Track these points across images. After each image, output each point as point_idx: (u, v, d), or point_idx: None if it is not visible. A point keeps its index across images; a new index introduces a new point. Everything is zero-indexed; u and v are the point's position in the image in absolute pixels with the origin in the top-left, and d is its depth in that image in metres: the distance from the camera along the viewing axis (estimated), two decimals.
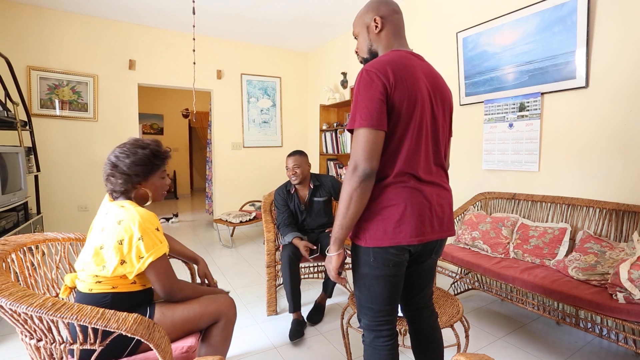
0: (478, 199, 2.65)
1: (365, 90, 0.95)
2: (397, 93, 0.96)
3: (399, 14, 1.13)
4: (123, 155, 1.18)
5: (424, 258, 1.12)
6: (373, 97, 0.94)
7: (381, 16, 1.10)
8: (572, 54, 2.14)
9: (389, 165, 1.00)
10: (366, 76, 0.96)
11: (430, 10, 3.16)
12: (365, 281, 1.07)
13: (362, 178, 0.93)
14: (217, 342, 1.27)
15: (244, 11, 3.67)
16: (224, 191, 4.70)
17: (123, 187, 1.18)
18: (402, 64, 0.99)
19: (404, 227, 0.99)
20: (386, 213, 1.00)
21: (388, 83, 0.95)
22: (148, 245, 1.10)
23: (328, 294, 2.27)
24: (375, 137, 0.93)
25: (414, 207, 0.99)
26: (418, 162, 1.01)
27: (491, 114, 2.67)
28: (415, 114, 0.99)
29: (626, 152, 1.97)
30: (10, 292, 0.89)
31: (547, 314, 1.84)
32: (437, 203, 1.04)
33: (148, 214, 1.15)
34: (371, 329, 1.10)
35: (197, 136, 8.62)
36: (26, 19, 3.46)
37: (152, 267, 1.12)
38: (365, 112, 0.94)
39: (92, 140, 3.77)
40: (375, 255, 1.02)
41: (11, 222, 2.48)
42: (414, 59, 1.07)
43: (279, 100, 5.05)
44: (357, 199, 0.95)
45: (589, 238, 1.93)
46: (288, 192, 2.32)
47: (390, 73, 0.95)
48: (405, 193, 1.00)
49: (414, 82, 1.00)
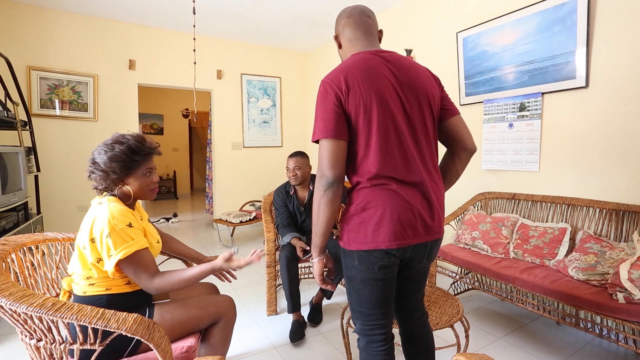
0: (478, 199, 2.65)
1: (321, 102, 0.99)
2: (351, 99, 0.97)
3: (350, 17, 1.11)
4: (102, 152, 1.14)
5: (415, 264, 1.10)
6: (327, 109, 0.97)
7: (336, 34, 1.17)
8: (572, 54, 2.14)
9: (362, 170, 1.00)
10: (322, 88, 1.00)
11: (430, 10, 3.16)
12: (353, 284, 1.07)
13: (326, 186, 0.97)
14: (217, 342, 1.27)
15: (244, 11, 3.67)
16: (224, 191, 4.70)
17: (103, 184, 1.15)
18: (358, 67, 0.99)
19: (382, 231, 0.98)
20: (365, 216, 1.00)
21: (341, 92, 0.97)
22: (116, 242, 1.06)
23: (327, 295, 2.27)
24: (335, 147, 0.96)
25: (393, 210, 0.98)
26: (395, 164, 0.99)
27: (491, 113, 2.67)
28: (378, 115, 0.97)
29: (626, 152, 1.97)
30: (10, 292, 0.89)
31: (547, 314, 1.84)
32: (420, 205, 1.00)
33: (119, 210, 1.11)
34: (364, 333, 1.09)
35: (197, 136, 8.61)
36: (26, 19, 3.46)
37: (123, 266, 1.09)
38: (322, 123, 0.98)
39: (92, 140, 3.76)
40: (359, 258, 1.02)
41: (11, 222, 2.48)
42: (375, 57, 1.03)
43: (279, 100, 5.05)
44: (325, 207, 0.98)
45: (589, 238, 1.93)
46: (287, 193, 2.32)
47: (343, 81, 0.97)
48: (384, 196, 0.98)
49: (372, 83, 0.98)
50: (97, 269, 1.10)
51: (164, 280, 1.13)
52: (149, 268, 1.12)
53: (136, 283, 1.13)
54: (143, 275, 1.11)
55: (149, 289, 1.12)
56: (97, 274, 1.11)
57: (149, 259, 1.14)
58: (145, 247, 1.13)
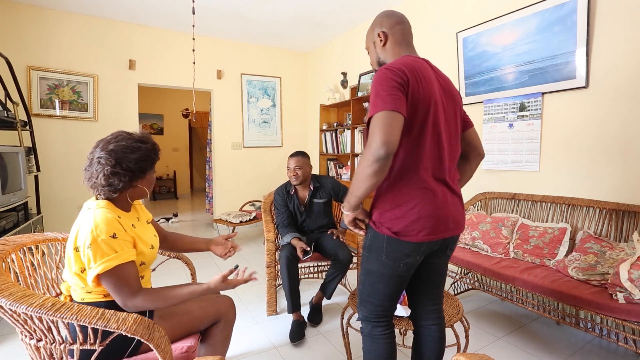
0: (478, 199, 2.65)
1: (385, 82, 0.96)
2: (411, 92, 0.98)
3: (402, 24, 1.18)
4: (128, 151, 1.08)
5: (435, 259, 1.16)
6: (392, 86, 0.95)
7: (384, 30, 1.17)
8: (572, 54, 2.14)
9: (406, 163, 1.03)
10: (384, 73, 0.98)
11: (430, 10, 3.16)
12: (369, 277, 1.12)
13: (376, 157, 0.90)
14: (217, 342, 1.27)
15: (244, 11, 3.67)
16: (224, 191, 4.70)
17: (121, 185, 1.07)
18: (415, 67, 1.02)
19: (419, 224, 1.01)
20: (403, 208, 1.02)
21: (406, 80, 0.97)
22: (96, 254, 0.98)
23: (327, 296, 2.27)
24: (396, 119, 0.92)
25: (431, 205, 1.02)
26: (435, 162, 1.05)
27: (491, 113, 2.67)
28: (430, 114, 1.02)
29: (626, 152, 1.97)
30: (10, 292, 0.89)
31: (547, 314, 1.84)
32: (451, 201, 1.08)
33: (105, 219, 1.02)
34: (369, 320, 1.16)
35: (197, 136, 8.61)
36: (26, 19, 3.46)
37: (102, 280, 1.01)
38: (385, 97, 0.94)
39: (92, 141, 3.65)
40: (388, 253, 1.05)
41: (11, 222, 2.48)
42: (425, 63, 1.10)
43: (279, 100, 5.05)
44: (370, 177, 0.94)
45: (589, 238, 1.93)
46: (287, 193, 2.32)
47: (407, 74, 0.98)
48: (423, 191, 1.03)
49: (428, 84, 1.03)
50: (82, 279, 1.05)
51: (146, 300, 1.04)
52: (130, 284, 1.02)
53: (114, 299, 1.03)
54: (123, 291, 1.01)
55: (128, 307, 1.02)
56: (83, 283, 1.06)
57: (131, 274, 1.04)
58: (129, 260, 1.04)
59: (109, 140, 1.11)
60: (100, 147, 1.10)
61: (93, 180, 1.08)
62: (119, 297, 1.02)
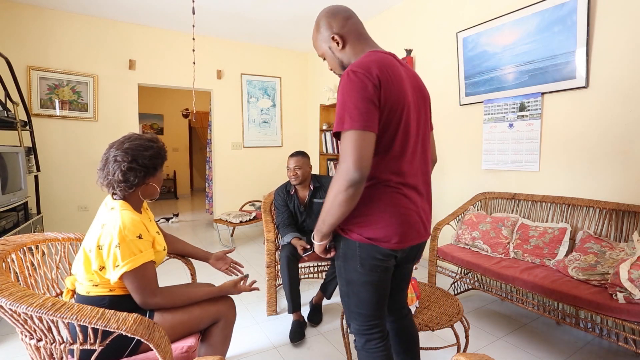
0: (478, 199, 2.65)
1: (354, 90, 0.89)
2: (384, 94, 0.91)
3: (352, 17, 1.09)
4: (142, 149, 1.16)
5: (406, 263, 1.14)
6: (362, 97, 0.88)
7: (338, 32, 1.07)
8: (572, 54, 2.14)
9: (380, 168, 0.98)
10: (353, 76, 0.90)
11: (430, 10, 3.16)
12: (352, 287, 1.07)
13: (350, 182, 0.86)
14: (217, 342, 1.27)
15: (244, 11, 3.67)
16: (224, 191, 4.70)
17: (136, 181, 1.14)
18: (385, 65, 0.95)
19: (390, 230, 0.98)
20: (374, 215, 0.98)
21: (375, 85, 0.89)
22: (125, 253, 1.05)
23: (327, 296, 2.27)
24: (368, 140, 0.87)
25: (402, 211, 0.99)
26: (406, 166, 1.00)
27: (491, 113, 2.67)
28: (403, 118, 0.96)
29: (626, 152, 1.97)
30: (10, 292, 0.89)
31: (547, 314, 1.84)
32: (421, 207, 1.05)
33: (132, 220, 1.10)
34: (361, 333, 1.10)
35: (197, 136, 8.62)
36: (26, 19, 3.46)
37: (126, 278, 1.08)
38: (355, 112, 0.87)
39: (92, 140, 3.76)
40: (362, 262, 1.01)
41: (11, 222, 2.48)
42: (393, 59, 1.02)
43: (279, 100, 5.05)
44: (343, 203, 0.90)
45: (589, 238, 1.93)
46: (288, 193, 2.32)
47: (376, 75, 0.90)
48: (395, 197, 0.99)
49: (399, 83, 0.96)
50: (99, 276, 1.10)
51: (166, 298, 1.14)
52: (152, 283, 1.12)
53: (133, 295, 1.11)
54: (146, 289, 1.10)
55: (148, 305, 1.11)
56: (99, 279, 1.11)
57: (153, 274, 1.14)
58: (151, 259, 1.13)
59: (122, 140, 1.18)
60: (115, 147, 1.16)
61: (109, 178, 1.14)
62: (141, 294, 1.10)
